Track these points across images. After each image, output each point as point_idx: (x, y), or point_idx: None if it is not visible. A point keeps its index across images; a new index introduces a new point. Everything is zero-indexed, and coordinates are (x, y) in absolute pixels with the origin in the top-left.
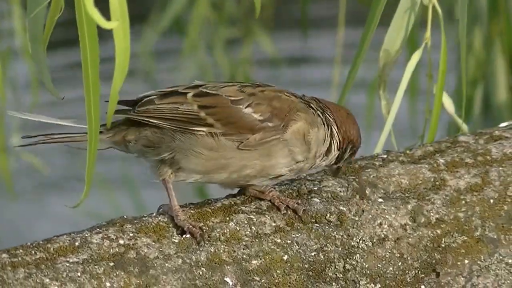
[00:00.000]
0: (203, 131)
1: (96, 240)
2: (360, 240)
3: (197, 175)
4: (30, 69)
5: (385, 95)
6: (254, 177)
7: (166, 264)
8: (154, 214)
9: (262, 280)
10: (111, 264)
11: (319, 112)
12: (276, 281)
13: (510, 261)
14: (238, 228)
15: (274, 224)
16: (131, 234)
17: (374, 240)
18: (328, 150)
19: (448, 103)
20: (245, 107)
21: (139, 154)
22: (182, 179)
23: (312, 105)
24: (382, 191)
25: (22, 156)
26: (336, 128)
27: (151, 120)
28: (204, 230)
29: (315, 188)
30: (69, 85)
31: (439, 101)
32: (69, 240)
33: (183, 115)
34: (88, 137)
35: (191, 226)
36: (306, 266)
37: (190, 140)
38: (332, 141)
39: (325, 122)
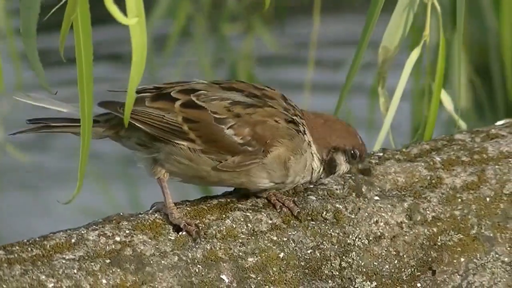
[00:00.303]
0: (183, 144)
1: (93, 237)
2: (356, 237)
3: (178, 177)
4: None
5: (384, 92)
6: (238, 187)
7: (162, 261)
8: (150, 211)
9: (258, 278)
10: (107, 261)
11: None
12: (272, 278)
13: (506, 259)
14: (234, 226)
15: (270, 222)
16: (127, 231)
17: (370, 238)
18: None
19: (446, 100)
20: (227, 128)
21: (132, 149)
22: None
23: (297, 124)
24: (378, 189)
25: (7, 149)
26: (312, 141)
27: (136, 124)
28: (200, 228)
29: (311, 186)
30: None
31: (437, 99)
32: (65, 237)
33: (167, 125)
34: (81, 133)
35: (186, 224)
36: (302, 263)
37: (173, 148)
38: (312, 158)
39: (307, 142)
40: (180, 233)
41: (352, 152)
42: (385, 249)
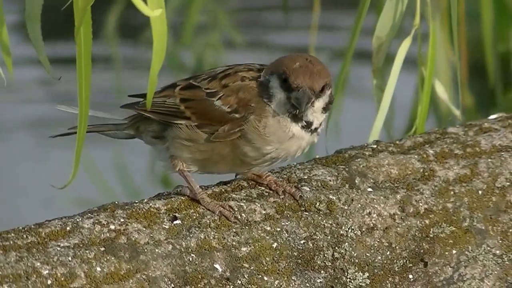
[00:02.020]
0: (181, 123)
1: (87, 225)
2: (349, 229)
3: (194, 166)
4: None
5: (378, 83)
6: (240, 165)
7: (156, 250)
8: (146, 200)
9: (251, 267)
10: (102, 249)
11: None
12: (265, 268)
13: (497, 252)
14: None
15: (264, 212)
16: (122, 220)
17: (363, 229)
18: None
19: (440, 89)
20: (216, 100)
21: (151, 144)
22: (187, 170)
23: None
24: (371, 180)
25: None
26: None
27: (144, 114)
28: (235, 208)
29: (305, 177)
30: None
31: (429, 87)
32: (60, 225)
33: (168, 108)
34: (78, 120)
35: (222, 209)
36: (295, 254)
37: (175, 130)
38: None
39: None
40: (175, 222)
41: (283, 75)
42: (378, 240)
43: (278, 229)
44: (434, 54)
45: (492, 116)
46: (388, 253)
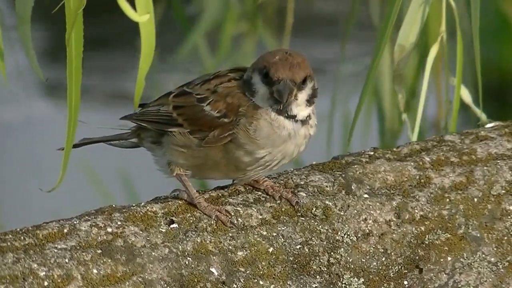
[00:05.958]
0: (175, 131)
1: (85, 227)
2: (344, 234)
3: (189, 171)
4: None
5: (401, 89)
6: (235, 170)
7: (153, 253)
8: (143, 203)
9: (247, 271)
10: (99, 251)
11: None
12: (261, 272)
13: (492, 259)
14: None
15: (260, 217)
16: (119, 223)
17: (359, 235)
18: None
19: (465, 94)
20: (206, 105)
21: (150, 150)
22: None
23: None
24: (368, 187)
25: None
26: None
27: (140, 123)
28: (232, 213)
29: (302, 182)
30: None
31: (458, 92)
32: (58, 227)
33: (161, 117)
34: (67, 124)
35: (219, 213)
36: (291, 258)
37: (169, 138)
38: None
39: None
40: (172, 225)
41: (264, 70)
42: (373, 246)
43: (274, 234)
44: (462, 57)
45: (489, 125)
46: (383, 259)
